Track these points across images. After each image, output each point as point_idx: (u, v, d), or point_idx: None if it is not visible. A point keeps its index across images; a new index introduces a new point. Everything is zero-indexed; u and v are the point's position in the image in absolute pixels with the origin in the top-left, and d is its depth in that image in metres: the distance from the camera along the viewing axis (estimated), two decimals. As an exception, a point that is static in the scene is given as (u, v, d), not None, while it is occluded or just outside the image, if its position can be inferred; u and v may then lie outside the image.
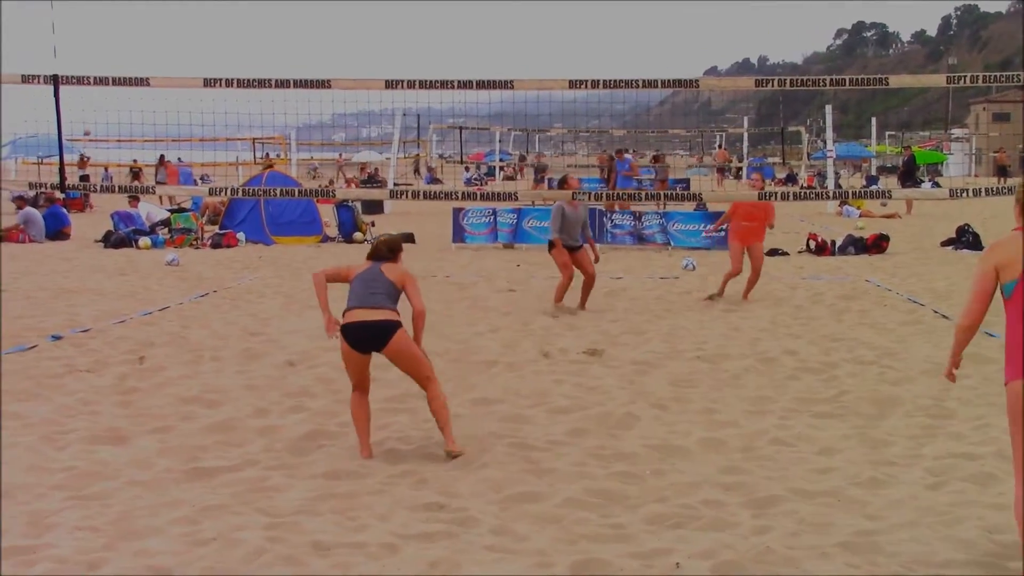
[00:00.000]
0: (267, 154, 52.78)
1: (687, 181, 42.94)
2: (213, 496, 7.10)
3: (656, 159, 45.30)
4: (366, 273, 8.28)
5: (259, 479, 7.52)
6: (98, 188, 17.42)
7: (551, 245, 15.21)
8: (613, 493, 7.21)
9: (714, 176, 52.47)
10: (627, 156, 35.96)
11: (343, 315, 8.17)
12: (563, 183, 15.49)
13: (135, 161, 52.09)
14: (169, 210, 29.82)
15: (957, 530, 6.40)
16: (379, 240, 8.69)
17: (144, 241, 25.07)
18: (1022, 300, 5.43)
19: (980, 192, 13.72)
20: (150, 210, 29.10)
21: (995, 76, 14.34)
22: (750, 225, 15.89)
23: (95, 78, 13.00)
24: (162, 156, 43.86)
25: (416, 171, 60.65)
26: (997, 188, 14.07)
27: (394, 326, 8.03)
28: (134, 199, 28.69)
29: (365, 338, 8.07)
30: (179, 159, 48.68)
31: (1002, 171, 59.89)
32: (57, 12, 13.42)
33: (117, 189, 16.79)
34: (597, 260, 15.33)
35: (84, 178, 41.13)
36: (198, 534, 6.37)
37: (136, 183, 38.32)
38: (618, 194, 21.38)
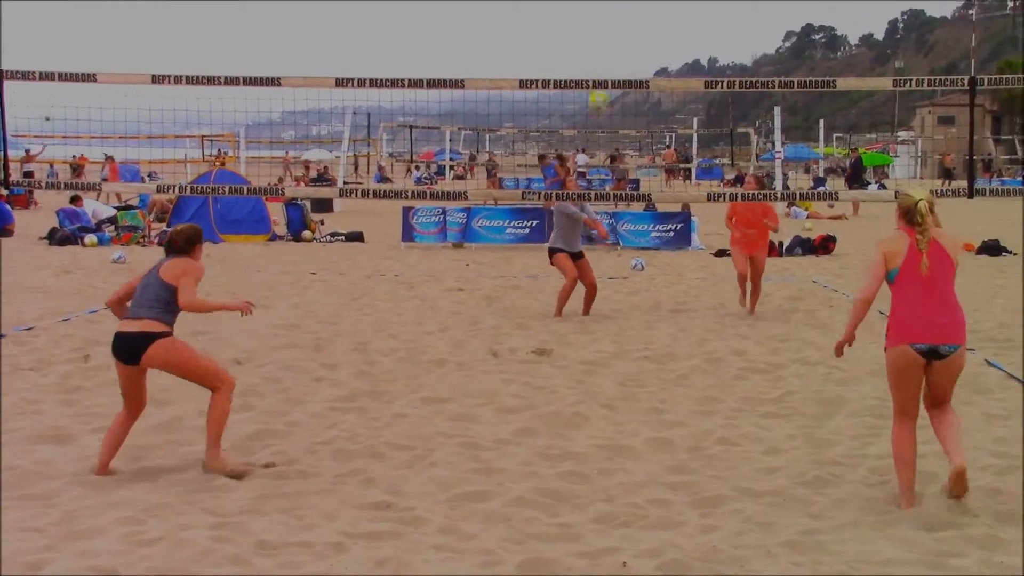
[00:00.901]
0: (219, 151, 52.45)
1: (636, 181, 43.09)
2: (158, 496, 7.04)
3: (613, 159, 45.34)
4: (143, 280, 7.74)
5: (205, 478, 7.47)
6: (43, 185, 17.25)
7: (552, 253, 14.76)
8: (561, 492, 7.22)
9: (663, 176, 52.69)
10: (552, 161, 35.97)
11: None
12: (563, 184, 15.40)
13: (74, 157, 51.60)
14: (116, 207, 29.56)
15: (900, 529, 6.47)
16: (175, 231, 8.13)
17: (90, 239, 24.83)
18: (902, 284, 6.90)
19: (925, 194, 13.86)
20: (96, 207, 28.83)
21: (940, 80, 14.50)
22: (750, 232, 14.80)
23: (41, 73, 12.85)
24: (107, 155, 43.45)
25: (356, 169, 59.77)
26: (942, 190, 14.23)
27: (145, 339, 7.40)
28: (78, 198, 28.41)
29: (121, 351, 7.52)
30: (107, 157, 48.08)
31: (947, 174, 60.55)
32: (5, 9, 13.26)
33: (63, 186, 16.61)
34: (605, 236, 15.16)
35: (28, 174, 40.65)
36: (143, 534, 6.32)
37: (77, 180, 37.92)
38: (567, 194, 21.29)
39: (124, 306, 7.76)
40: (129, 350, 7.47)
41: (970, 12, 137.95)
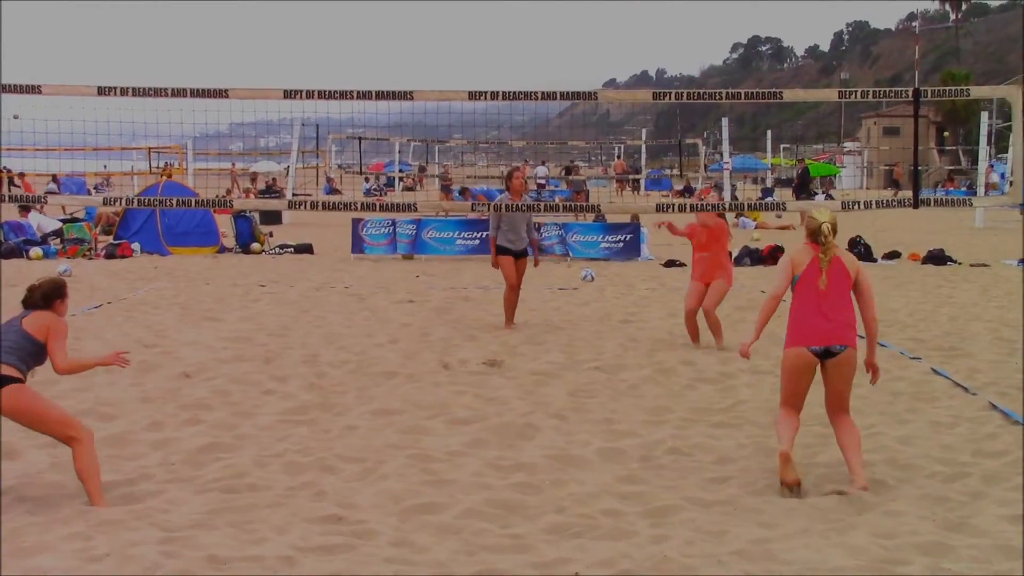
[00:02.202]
0: (166, 163, 51.98)
1: (586, 192, 43.21)
2: (107, 511, 6.97)
3: (569, 171, 45.30)
4: (4, 325, 7.50)
5: (154, 493, 7.41)
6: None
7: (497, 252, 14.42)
8: (512, 503, 7.23)
9: (614, 187, 52.90)
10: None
11: None
12: (509, 178, 14.88)
13: (7, 170, 51.03)
14: (61, 220, 29.27)
15: (849, 536, 6.53)
16: (33, 285, 7.87)
17: (35, 251, 24.54)
18: (800, 290, 7.92)
19: (872, 204, 13.99)
20: (40, 220, 28.53)
21: (885, 92, 14.66)
22: (704, 256, 13.59)
23: (-17, 85, 12.69)
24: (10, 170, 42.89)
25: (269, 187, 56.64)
26: (888, 200, 14.37)
27: None
28: (24, 209, 28.10)
29: None
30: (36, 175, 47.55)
31: (895, 184, 61.26)
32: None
33: (7, 199, 16.42)
34: (536, 264, 14.65)
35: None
36: (91, 550, 6.26)
37: (13, 191, 37.51)
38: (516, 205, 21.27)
39: None
40: None
41: (913, 24, 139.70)
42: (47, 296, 7.77)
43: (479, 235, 25.08)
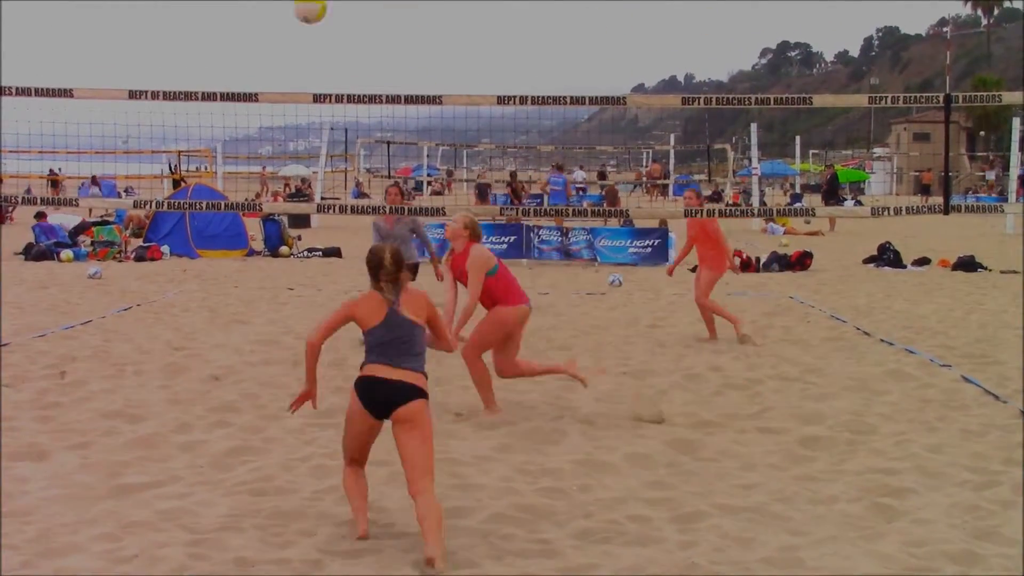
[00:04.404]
0: (176, 167, 51.98)
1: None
2: (135, 513, 7.00)
3: (603, 175, 45.32)
4: None
5: (182, 495, 7.44)
6: (20, 200, 17.17)
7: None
8: (540, 508, 7.22)
9: (649, 192, 52.87)
10: (562, 174, 36.01)
11: None
12: (386, 195, 14.81)
13: (52, 172, 51.33)
14: (91, 222, 29.44)
15: (878, 544, 6.49)
16: None
17: (66, 254, 24.73)
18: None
19: (901, 211, 13.94)
20: (61, 220, 28.73)
21: (915, 97, 14.54)
22: (701, 251, 14.39)
23: (17, 89, 12.79)
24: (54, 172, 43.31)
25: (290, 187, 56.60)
26: (918, 207, 14.31)
27: None
28: (42, 215, 28.31)
29: None
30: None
31: (924, 190, 60.91)
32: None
33: (39, 201, 16.53)
34: (439, 278, 14.16)
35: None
36: (120, 551, 6.28)
37: (55, 195, 37.73)
38: (561, 210, 21.26)
39: None
40: None
41: (944, 29, 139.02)
42: None
43: (506, 239, 25.11)
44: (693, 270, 22.45)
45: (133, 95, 12.72)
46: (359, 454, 6.97)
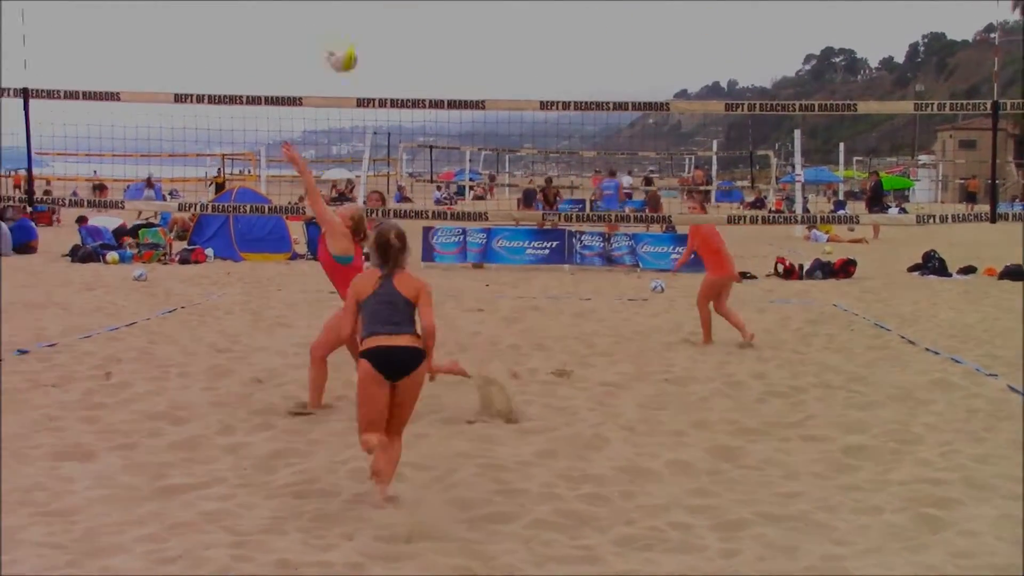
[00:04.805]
0: (218, 170, 52.34)
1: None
2: (179, 514, 7.05)
3: (649, 181, 45.33)
4: None
5: (226, 497, 7.48)
6: (67, 202, 17.33)
7: None
8: (582, 514, 7.20)
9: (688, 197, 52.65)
10: (616, 179, 35.98)
11: None
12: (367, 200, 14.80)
13: (95, 174, 51.78)
14: (135, 225, 29.68)
15: (923, 556, 6.43)
16: None
17: (112, 256, 24.94)
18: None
19: (947, 218, 13.82)
20: (104, 222, 28.99)
21: (962, 104, 14.42)
22: (703, 258, 14.68)
23: (65, 92, 12.93)
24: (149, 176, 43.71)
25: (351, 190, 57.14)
26: (964, 215, 14.18)
27: None
28: (83, 219, 28.60)
29: None
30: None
31: (970, 197, 60.39)
32: (29, 25, 13.34)
33: (86, 203, 16.69)
34: None
35: (47, 192, 40.91)
36: (164, 552, 6.32)
37: (101, 198, 38.06)
38: (605, 215, 21.23)
39: None
40: None
41: (991, 35, 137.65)
42: None
43: (549, 245, 25.12)
44: (744, 275, 22.44)
45: (179, 98, 12.83)
46: (380, 418, 7.26)
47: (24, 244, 26.84)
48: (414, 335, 7.42)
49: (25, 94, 12.79)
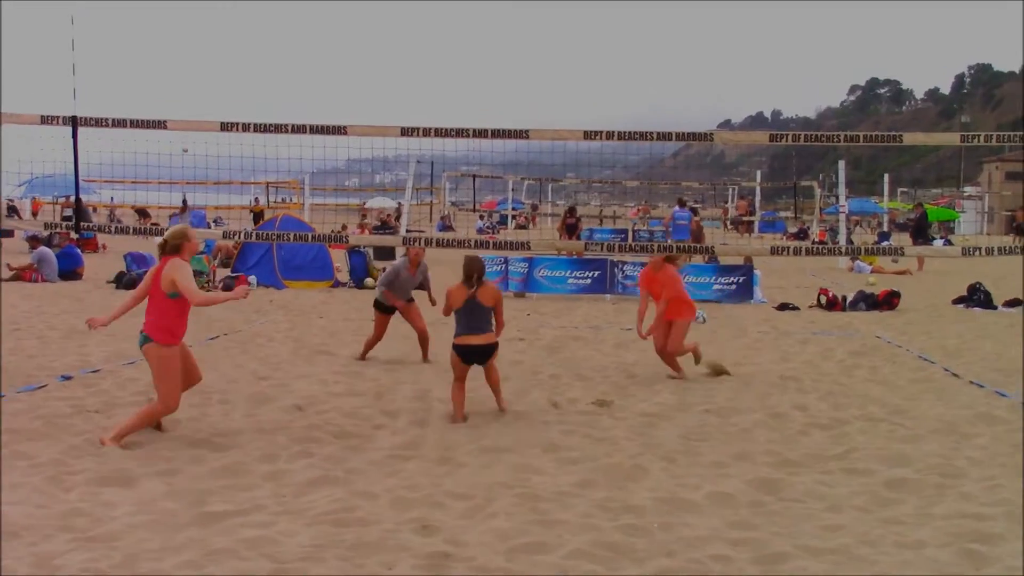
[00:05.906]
0: (256, 199, 52.71)
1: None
2: (219, 540, 7.07)
3: (694, 212, 45.38)
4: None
5: (266, 524, 7.50)
6: (112, 230, 17.48)
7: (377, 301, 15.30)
8: (621, 546, 7.17)
9: (736, 228, 52.60)
10: (687, 209, 35.88)
11: None
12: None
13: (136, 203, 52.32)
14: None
15: (967, 591, 6.35)
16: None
17: (156, 282, 25.09)
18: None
19: (993, 251, 13.71)
20: (149, 250, 29.22)
21: (1008, 136, 14.26)
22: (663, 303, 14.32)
23: (113, 120, 13.08)
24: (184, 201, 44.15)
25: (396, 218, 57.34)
26: (1010, 247, 14.05)
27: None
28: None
29: None
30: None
31: (1017, 230, 59.79)
32: (78, 54, 13.52)
33: (131, 231, 16.83)
34: (433, 303, 14.79)
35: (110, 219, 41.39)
36: (203, 578, 6.34)
37: (144, 224, 38.40)
38: (647, 246, 21.22)
39: None
40: None
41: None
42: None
43: (591, 274, 25.09)
44: (780, 308, 22.35)
45: (225, 127, 12.94)
46: (463, 375, 11.29)
47: (71, 271, 27.10)
48: (490, 333, 11.32)
49: (74, 122, 12.97)
